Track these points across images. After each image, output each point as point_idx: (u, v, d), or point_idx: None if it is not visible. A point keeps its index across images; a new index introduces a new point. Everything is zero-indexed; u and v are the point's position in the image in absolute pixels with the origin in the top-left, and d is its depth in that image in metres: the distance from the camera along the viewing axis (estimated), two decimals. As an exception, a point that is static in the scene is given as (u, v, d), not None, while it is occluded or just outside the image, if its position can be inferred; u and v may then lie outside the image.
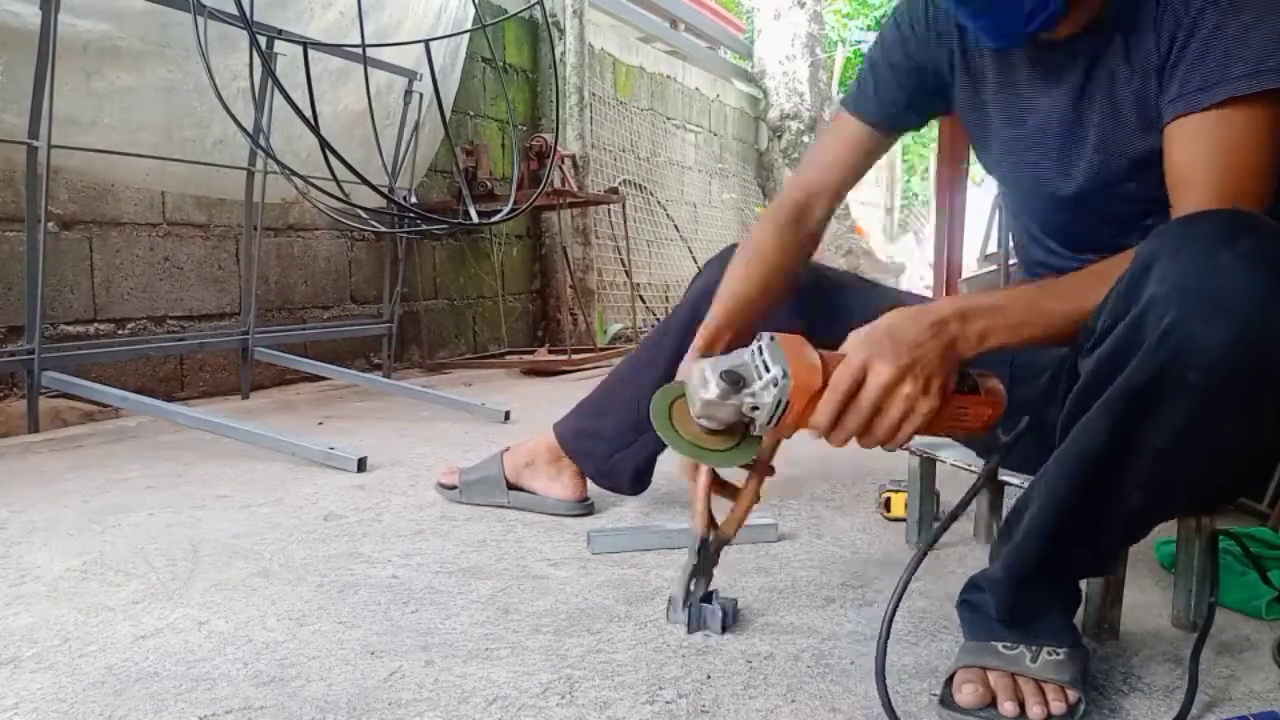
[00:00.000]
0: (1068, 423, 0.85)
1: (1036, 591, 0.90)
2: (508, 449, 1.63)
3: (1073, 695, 0.85)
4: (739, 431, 0.88)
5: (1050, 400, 1.02)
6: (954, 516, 0.92)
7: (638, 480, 1.54)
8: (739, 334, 1.11)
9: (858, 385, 0.83)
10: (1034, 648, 0.88)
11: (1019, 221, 1.22)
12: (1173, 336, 0.75)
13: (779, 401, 0.81)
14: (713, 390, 0.83)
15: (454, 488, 1.66)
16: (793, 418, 0.82)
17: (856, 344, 0.85)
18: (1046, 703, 0.84)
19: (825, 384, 0.82)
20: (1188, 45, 0.91)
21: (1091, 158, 1.02)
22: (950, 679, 0.88)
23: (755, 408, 0.83)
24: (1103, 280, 0.85)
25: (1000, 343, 0.87)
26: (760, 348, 0.84)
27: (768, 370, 0.82)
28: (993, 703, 0.85)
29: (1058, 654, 0.87)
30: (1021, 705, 0.84)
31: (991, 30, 0.99)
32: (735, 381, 0.83)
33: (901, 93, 1.17)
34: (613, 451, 1.50)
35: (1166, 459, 0.80)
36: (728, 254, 1.41)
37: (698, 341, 1.09)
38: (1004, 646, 0.89)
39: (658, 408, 0.90)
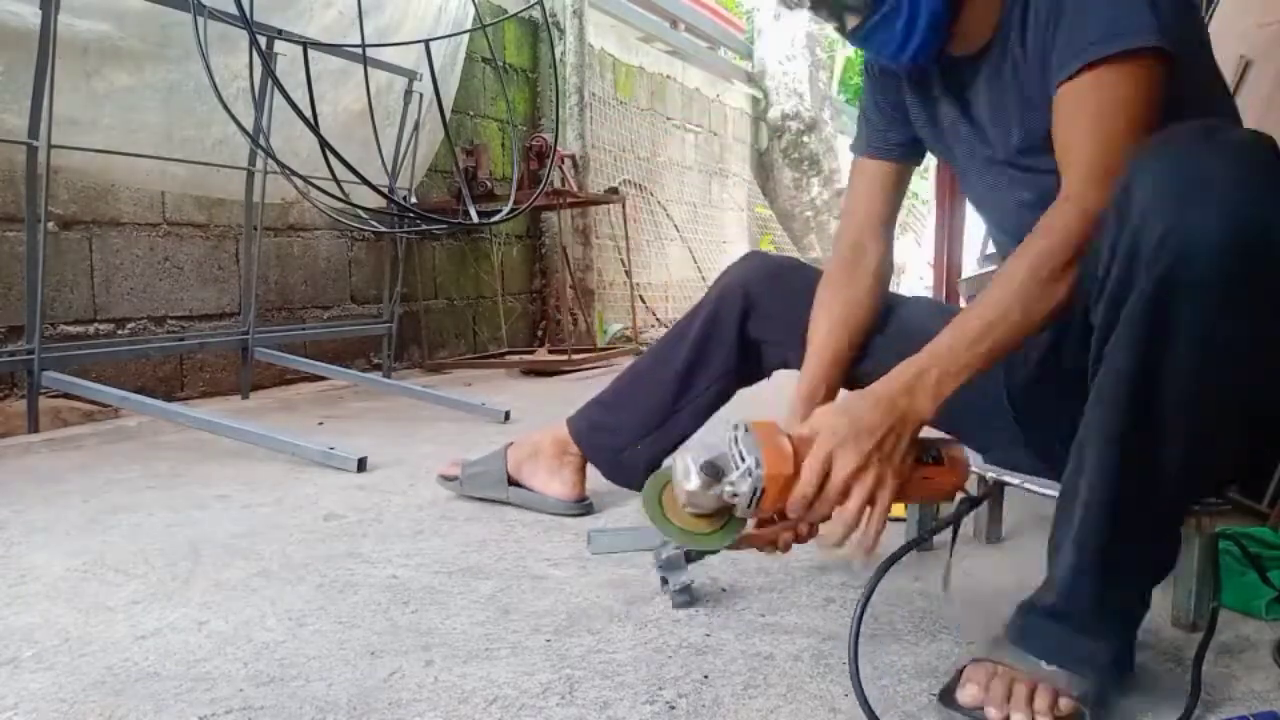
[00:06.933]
0: (1094, 372, 0.83)
1: (1118, 575, 0.85)
2: (512, 443, 1.63)
3: (1068, 705, 0.84)
4: (725, 513, 0.94)
5: (1058, 352, 1.02)
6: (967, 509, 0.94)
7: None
8: (834, 388, 1.20)
9: (824, 478, 0.88)
10: None
11: (993, 233, 1.25)
12: (1168, 242, 0.75)
13: (755, 489, 0.88)
14: (694, 482, 0.89)
15: (455, 479, 1.66)
16: (769, 502, 0.89)
17: (824, 433, 0.89)
18: (1050, 705, 0.83)
19: (796, 470, 0.88)
20: (1059, 21, 0.93)
21: (1019, 153, 1.04)
22: (957, 675, 0.88)
23: (735, 495, 0.89)
24: (1007, 282, 0.89)
25: (956, 386, 0.91)
26: (736, 438, 0.90)
27: (744, 460, 0.88)
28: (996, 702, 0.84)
29: None
30: (1022, 705, 0.83)
31: (879, 56, 1.05)
32: (715, 473, 0.89)
33: (892, 130, 1.23)
34: (625, 447, 1.50)
35: (1197, 375, 0.78)
36: (750, 259, 1.44)
37: (797, 404, 1.17)
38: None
39: (648, 496, 0.96)
